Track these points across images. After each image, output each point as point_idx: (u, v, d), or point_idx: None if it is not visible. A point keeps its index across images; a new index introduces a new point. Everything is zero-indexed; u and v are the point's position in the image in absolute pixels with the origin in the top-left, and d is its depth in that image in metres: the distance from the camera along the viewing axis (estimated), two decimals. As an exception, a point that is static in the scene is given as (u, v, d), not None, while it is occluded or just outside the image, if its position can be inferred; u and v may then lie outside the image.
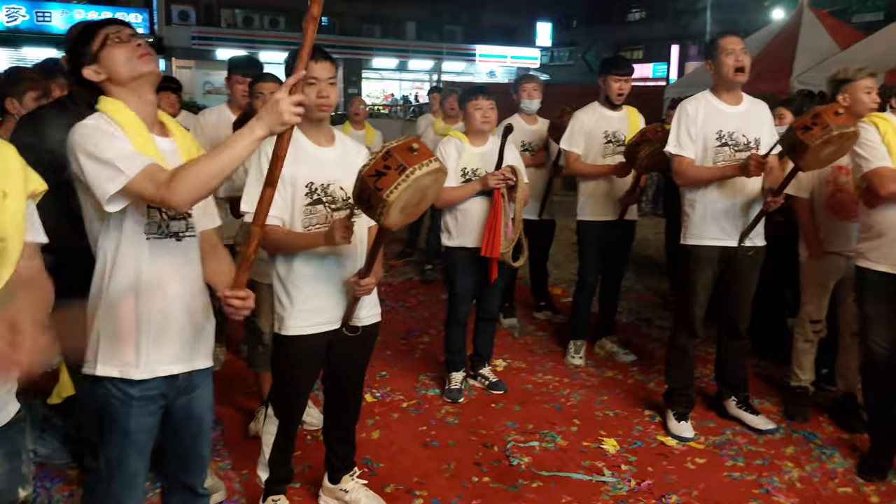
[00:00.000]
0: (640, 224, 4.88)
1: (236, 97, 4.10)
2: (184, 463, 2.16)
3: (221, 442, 3.48)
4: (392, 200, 2.13)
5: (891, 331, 3.16)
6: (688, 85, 10.41)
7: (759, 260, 3.59)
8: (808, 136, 3.00)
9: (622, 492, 3.12)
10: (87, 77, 1.94)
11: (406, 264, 7.39)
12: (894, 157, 3.04)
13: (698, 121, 3.47)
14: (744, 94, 3.57)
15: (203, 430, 2.18)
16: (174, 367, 2.03)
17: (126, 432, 1.97)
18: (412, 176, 2.13)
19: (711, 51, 3.49)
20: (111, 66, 1.93)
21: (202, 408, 2.15)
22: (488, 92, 3.90)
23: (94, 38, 1.94)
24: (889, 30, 8.56)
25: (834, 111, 3.02)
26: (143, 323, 1.97)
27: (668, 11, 33.85)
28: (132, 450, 1.99)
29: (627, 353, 4.71)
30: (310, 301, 2.62)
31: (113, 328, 1.94)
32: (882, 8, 19.87)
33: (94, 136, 1.84)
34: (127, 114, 1.92)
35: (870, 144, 3.08)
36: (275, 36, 26.65)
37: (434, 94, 7.59)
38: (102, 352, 1.95)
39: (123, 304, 1.93)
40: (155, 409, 2.01)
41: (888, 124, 3.09)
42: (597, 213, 4.49)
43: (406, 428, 3.70)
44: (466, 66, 32.10)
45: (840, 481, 3.22)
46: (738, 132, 3.46)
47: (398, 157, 2.15)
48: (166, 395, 2.03)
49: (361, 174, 2.18)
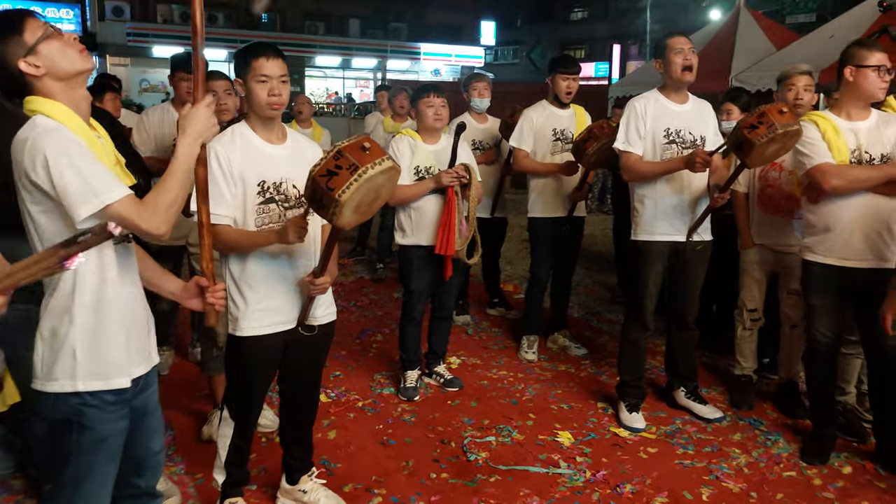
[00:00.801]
0: (588, 221, 4.97)
1: (181, 95, 4.03)
2: (140, 465, 2.10)
3: (173, 447, 3.40)
4: (345, 200, 2.10)
5: (834, 321, 3.29)
6: (631, 83, 10.60)
7: (706, 254, 3.70)
8: (754, 135, 3.10)
9: (578, 483, 3.17)
10: (23, 70, 1.78)
11: (357, 263, 7.35)
12: (834, 153, 3.15)
13: (647, 118, 3.55)
14: (689, 93, 3.66)
15: (157, 425, 2.15)
16: (141, 367, 2.00)
17: (102, 438, 1.89)
18: (364, 175, 2.10)
19: (661, 50, 3.57)
20: (52, 60, 1.80)
21: (154, 403, 2.12)
22: (440, 90, 3.91)
23: (25, 28, 1.79)
24: (822, 30, 8.88)
25: (778, 110, 3.12)
26: (122, 329, 1.92)
27: (610, 11, 34.47)
28: (105, 457, 1.92)
29: (579, 347, 4.79)
30: (264, 301, 2.58)
31: (92, 341, 1.86)
32: (814, 10, 20.65)
33: (70, 150, 1.73)
34: (71, 116, 1.82)
35: (811, 142, 3.19)
36: (213, 33, 25.99)
37: (382, 92, 7.56)
38: (81, 367, 1.84)
39: (102, 314, 1.87)
40: (126, 411, 1.96)
41: (827, 122, 3.21)
42: (547, 210, 4.56)
43: (363, 427, 3.69)
44: (411, 64, 32.05)
45: (785, 466, 3.34)
46: (684, 130, 3.56)
47: (350, 157, 2.12)
48: (130, 397, 1.98)
49: (313, 174, 2.15)
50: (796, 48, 8.52)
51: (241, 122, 2.60)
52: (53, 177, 1.70)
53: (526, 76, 29.74)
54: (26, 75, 1.80)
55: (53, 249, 1.50)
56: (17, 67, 1.79)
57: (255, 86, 2.46)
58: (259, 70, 2.45)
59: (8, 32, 1.78)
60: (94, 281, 1.86)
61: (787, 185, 3.79)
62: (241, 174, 2.48)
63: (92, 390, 1.86)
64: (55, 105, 1.81)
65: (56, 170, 1.70)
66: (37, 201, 1.77)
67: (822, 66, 7.03)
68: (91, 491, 1.93)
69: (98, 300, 1.86)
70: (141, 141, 4.05)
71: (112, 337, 1.90)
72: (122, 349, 1.92)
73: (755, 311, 3.98)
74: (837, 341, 3.36)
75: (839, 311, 3.30)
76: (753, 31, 9.84)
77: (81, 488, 1.91)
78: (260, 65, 2.45)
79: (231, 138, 2.53)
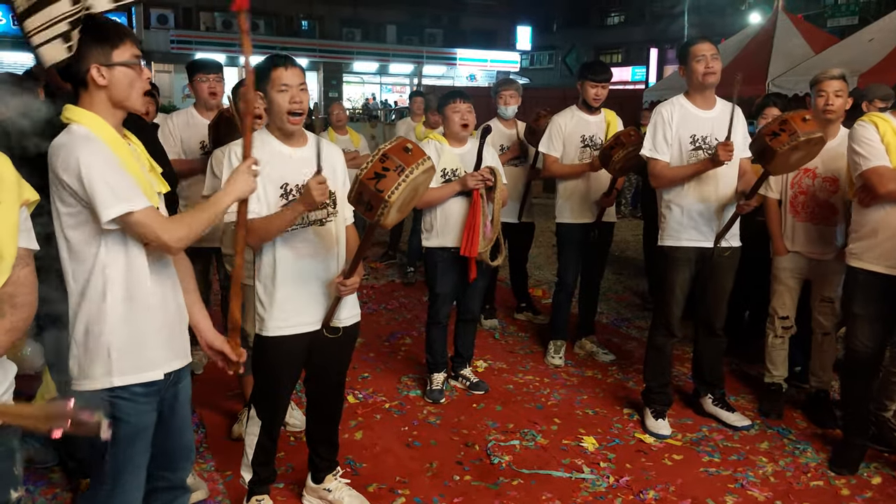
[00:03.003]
0: (620, 226, 4.97)
1: (203, 98, 4.16)
2: (171, 459, 2.19)
3: (205, 444, 3.50)
4: (393, 201, 2.23)
5: (876, 331, 3.21)
6: (666, 88, 10.54)
7: (734, 261, 3.67)
8: (776, 143, 3.07)
9: (601, 488, 3.18)
10: (91, 76, 1.88)
11: (388, 266, 7.43)
12: (892, 157, 3.05)
13: (673, 125, 3.55)
14: (717, 97, 3.65)
15: (187, 419, 2.23)
16: (174, 363, 2.10)
17: (136, 430, 2.00)
18: (411, 176, 2.24)
19: (683, 57, 3.57)
20: (118, 85, 1.92)
21: (185, 397, 2.20)
22: (466, 96, 3.96)
23: (119, 44, 1.91)
24: (861, 34, 8.72)
25: (801, 117, 3.07)
26: (154, 324, 2.01)
27: (647, 15, 34.18)
28: (142, 448, 2.02)
29: (607, 353, 4.78)
30: (290, 301, 2.65)
31: (126, 337, 1.95)
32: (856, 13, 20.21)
33: (101, 159, 1.84)
34: (105, 128, 1.92)
35: (868, 143, 3.08)
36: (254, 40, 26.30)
37: (417, 97, 7.63)
38: (116, 363, 1.94)
39: (134, 311, 1.97)
40: (156, 403, 2.05)
41: (888, 125, 3.10)
42: (574, 216, 4.57)
43: (389, 428, 3.74)
44: (447, 69, 32.21)
45: (812, 475, 3.30)
46: (711, 136, 3.54)
47: (396, 159, 2.25)
48: (161, 390, 2.07)
49: (360, 178, 2.26)
50: (835, 52, 8.39)
51: (263, 128, 2.68)
52: (84, 181, 1.82)
53: (561, 81, 29.63)
54: (90, 79, 1.90)
55: (48, 415, 1.53)
56: (87, 68, 1.89)
57: (276, 95, 2.53)
58: (279, 80, 2.52)
59: (104, 38, 1.90)
60: (124, 280, 1.95)
61: (820, 192, 3.73)
62: (264, 177, 2.55)
63: (125, 384, 1.95)
64: (92, 117, 1.91)
65: (87, 175, 1.81)
66: (67, 203, 1.88)
67: (860, 69, 6.91)
68: (129, 481, 2.03)
69: (130, 297, 1.95)
70: (165, 144, 4.19)
71: (144, 332, 1.98)
72: (155, 344, 2.01)
73: (787, 318, 3.93)
74: (878, 352, 3.29)
75: (882, 321, 3.21)
76: (791, 35, 9.71)
77: (120, 479, 2.01)
78: (279, 75, 2.53)
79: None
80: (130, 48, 1.94)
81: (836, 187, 3.68)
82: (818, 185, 3.74)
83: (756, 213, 3.56)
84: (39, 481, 3.08)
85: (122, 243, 1.93)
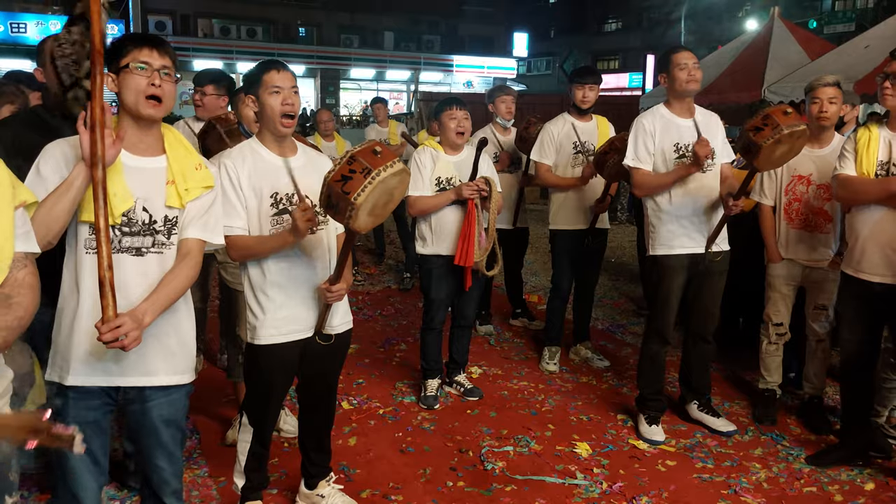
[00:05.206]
0: (616, 231, 4.99)
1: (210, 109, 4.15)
2: (147, 470, 2.23)
3: (199, 450, 3.49)
4: (360, 203, 2.20)
5: (856, 331, 3.32)
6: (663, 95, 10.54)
7: (725, 265, 3.68)
8: (759, 137, 3.10)
9: (594, 494, 3.18)
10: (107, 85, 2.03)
11: (385, 272, 7.43)
12: (857, 165, 3.14)
13: (656, 135, 3.57)
14: (696, 105, 3.67)
15: (160, 443, 2.19)
16: (126, 379, 2.13)
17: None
18: (378, 178, 2.20)
19: (665, 65, 3.59)
20: (123, 90, 2.04)
21: (157, 419, 2.16)
22: (463, 103, 3.97)
23: (123, 53, 2.03)
24: (857, 41, 8.74)
25: (782, 111, 3.12)
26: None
27: (644, 22, 34.28)
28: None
29: (601, 359, 4.78)
30: (281, 309, 2.64)
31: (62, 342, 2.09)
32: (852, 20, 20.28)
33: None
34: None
35: (845, 153, 3.22)
36: (252, 46, 26.59)
37: (378, 104, 7.84)
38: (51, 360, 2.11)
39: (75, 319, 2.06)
40: (96, 404, 2.10)
41: (867, 133, 3.18)
42: (568, 222, 4.58)
43: (383, 434, 3.74)
44: (444, 76, 32.25)
45: (806, 481, 3.30)
46: (692, 143, 3.54)
47: (363, 161, 2.22)
48: (110, 395, 2.12)
49: (328, 180, 2.25)
50: (831, 59, 8.39)
51: (253, 137, 2.69)
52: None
53: (559, 87, 29.68)
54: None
55: (23, 427, 1.52)
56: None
57: (268, 98, 2.54)
58: (271, 82, 2.54)
59: (117, 51, 2.06)
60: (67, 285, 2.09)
61: (815, 199, 3.74)
62: (254, 187, 2.56)
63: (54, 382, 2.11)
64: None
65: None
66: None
67: (856, 76, 6.92)
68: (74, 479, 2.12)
69: (62, 305, 2.10)
70: None
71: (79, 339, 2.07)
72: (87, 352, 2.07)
73: (781, 325, 3.94)
74: (866, 353, 3.33)
75: (863, 321, 3.29)
76: (787, 42, 9.71)
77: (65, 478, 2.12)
78: (271, 77, 2.54)
79: (240, 153, 2.61)
80: (135, 51, 2.05)
81: (830, 194, 3.69)
82: (812, 192, 3.75)
83: (747, 218, 3.59)
84: (34, 487, 3.07)
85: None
